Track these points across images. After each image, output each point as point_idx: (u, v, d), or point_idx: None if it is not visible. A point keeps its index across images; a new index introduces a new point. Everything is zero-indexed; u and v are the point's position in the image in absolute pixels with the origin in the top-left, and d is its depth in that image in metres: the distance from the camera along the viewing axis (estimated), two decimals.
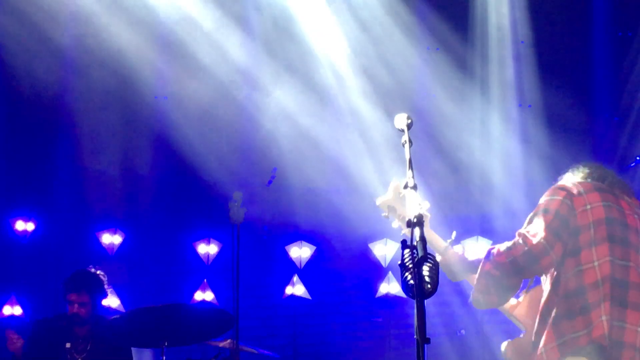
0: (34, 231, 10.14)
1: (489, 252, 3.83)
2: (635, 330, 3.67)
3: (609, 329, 3.63)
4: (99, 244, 10.28)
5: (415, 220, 2.93)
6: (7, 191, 10.09)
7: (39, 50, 9.22)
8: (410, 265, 2.83)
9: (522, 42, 9.93)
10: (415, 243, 2.88)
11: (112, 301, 9.72)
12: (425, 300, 2.79)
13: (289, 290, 10.29)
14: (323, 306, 10.32)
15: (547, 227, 3.70)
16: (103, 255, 10.10)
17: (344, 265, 10.24)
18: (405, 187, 3.16)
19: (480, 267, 3.81)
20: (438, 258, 3.90)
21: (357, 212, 9.71)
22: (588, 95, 10.22)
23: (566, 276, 3.73)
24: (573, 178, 4.02)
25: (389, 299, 10.02)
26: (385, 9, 9.70)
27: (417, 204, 3.05)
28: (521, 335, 4.08)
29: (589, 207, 3.78)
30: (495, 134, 10.02)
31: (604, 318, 3.63)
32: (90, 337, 6.34)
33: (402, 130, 3.48)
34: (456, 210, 9.41)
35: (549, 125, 9.81)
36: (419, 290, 2.79)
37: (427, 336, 2.75)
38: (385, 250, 10.28)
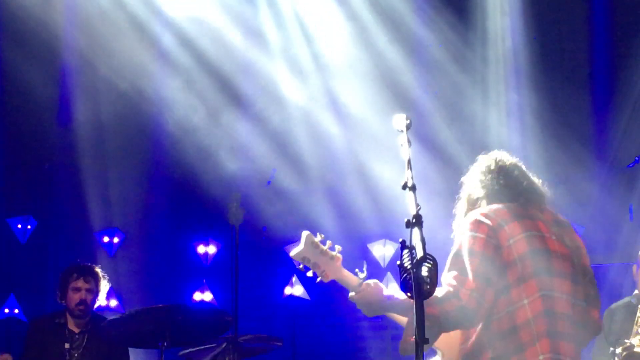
0: (32, 231, 10.13)
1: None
2: None
3: None
4: (98, 244, 10.27)
5: (414, 220, 2.93)
6: (6, 191, 10.09)
7: (37, 50, 9.22)
8: (409, 266, 2.83)
9: (534, 37, 9.91)
10: (414, 244, 2.88)
11: (110, 302, 9.72)
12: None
13: (287, 290, 10.29)
14: (322, 307, 10.31)
15: (476, 275, 3.55)
16: (102, 255, 10.10)
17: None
18: (404, 187, 3.16)
19: (410, 316, 3.62)
20: (351, 295, 3.84)
21: (356, 212, 9.72)
22: (588, 94, 10.21)
23: (499, 316, 3.62)
24: (481, 194, 3.92)
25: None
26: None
27: (415, 204, 3.04)
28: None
29: (512, 241, 3.65)
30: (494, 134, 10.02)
31: (541, 357, 3.56)
32: (87, 334, 6.33)
33: (401, 131, 3.47)
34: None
35: (548, 125, 9.80)
36: (417, 291, 2.79)
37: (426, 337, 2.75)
38: (384, 251, 10.27)
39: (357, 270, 3.93)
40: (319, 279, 3.90)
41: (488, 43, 10.06)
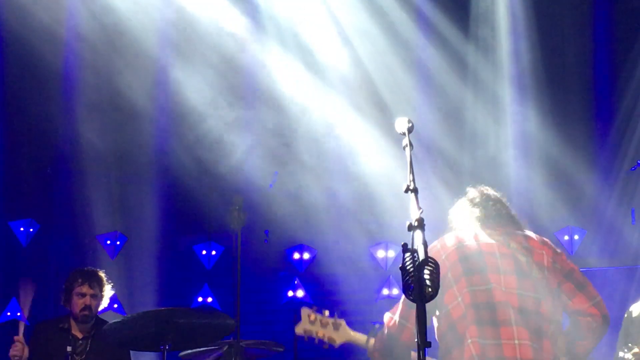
0: (35, 234, 10.14)
1: (374, 331, 4.23)
2: (513, 344, 3.86)
3: (480, 350, 3.82)
4: (100, 247, 10.28)
5: (416, 224, 2.93)
6: (9, 195, 10.09)
7: (39, 52, 9.22)
8: (411, 269, 2.83)
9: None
10: (415, 247, 2.88)
11: (112, 305, 9.72)
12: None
13: (289, 294, 10.28)
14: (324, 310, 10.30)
15: (404, 301, 3.94)
16: (104, 258, 10.10)
17: (345, 269, 10.24)
18: (407, 190, 3.15)
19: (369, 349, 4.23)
20: (365, 347, 4.28)
21: (358, 215, 9.72)
22: (590, 97, 10.22)
23: (439, 321, 4.01)
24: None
25: (390, 303, 10.02)
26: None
27: (417, 207, 3.04)
28: None
29: (444, 256, 4.01)
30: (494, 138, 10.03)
31: (470, 341, 3.84)
32: (91, 339, 6.34)
33: (403, 134, 3.47)
34: None
35: (551, 125, 9.80)
36: (419, 294, 2.79)
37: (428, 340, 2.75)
38: (386, 254, 10.27)
39: (376, 326, 4.27)
40: (326, 345, 4.30)
41: (489, 54, 10.08)
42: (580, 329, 4.14)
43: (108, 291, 6.51)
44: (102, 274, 6.51)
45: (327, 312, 4.24)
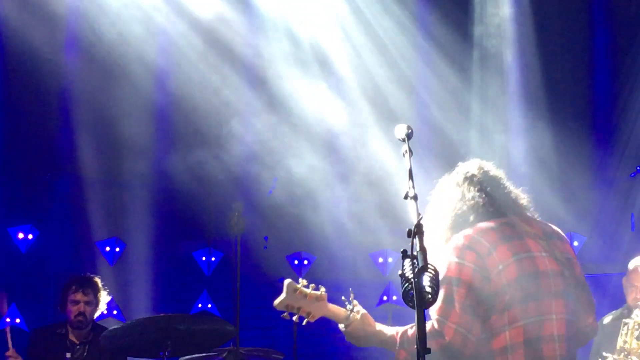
0: (33, 240, 10.12)
1: (403, 337, 3.65)
2: None
3: None
4: (99, 253, 10.26)
5: (415, 230, 2.93)
6: (8, 201, 10.08)
7: (39, 57, 9.23)
8: (411, 275, 2.82)
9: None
10: (415, 253, 2.88)
11: (111, 311, 9.71)
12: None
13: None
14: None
15: (462, 309, 3.46)
16: (103, 265, 10.09)
17: (345, 275, 10.23)
18: (406, 197, 3.15)
19: (395, 354, 3.67)
20: (341, 327, 3.85)
21: (358, 221, 9.71)
22: (590, 104, 10.24)
23: (478, 340, 3.53)
24: (465, 209, 3.75)
25: (389, 309, 10.00)
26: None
27: (417, 214, 3.04)
28: None
29: (501, 267, 3.52)
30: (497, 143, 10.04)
31: None
32: (88, 345, 6.33)
33: (403, 140, 3.47)
34: None
35: (551, 131, 9.81)
36: (419, 300, 2.78)
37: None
38: (385, 260, 10.26)
39: (343, 298, 3.91)
40: (305, 322, 3.85)
41: (493, 65, 10.12)
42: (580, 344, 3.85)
43: (104, 297, 6.52)
44: (97, 280, 6.52)
45: (312, 286, 3.84)
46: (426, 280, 2.80)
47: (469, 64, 10.12)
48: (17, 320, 9.81)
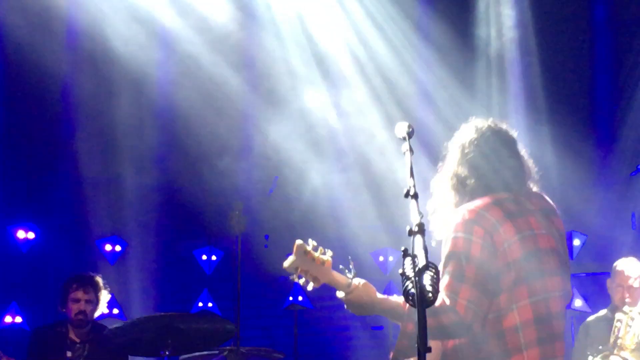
0: (34, 240, 10.13)
1: (411, 309, 3.34)
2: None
3: None
4: (100, 252, 10.27)
5: (416, 229, 2.92)
6: (8, 200, 10.09)
7: (41, 59, 9.23)
8: (412, 274, 2.82)
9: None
10: (416, 252, 2.87)
11: (112, 310, 9.72)
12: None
13: (290, 299, 10.27)
14: (324, 316, 10.30)
15: (473, 284, 3.44)
16: (104, 264, 10.09)
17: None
18: (407, 195, 3.14)
19: (402, 325, 3.61)
20: (341, 295, 3.84)
21: (359, 220, 9.71)
22: (590, 103, 10.24)
23: (487, 319, 3.52)
24: (470, 174, 3.71)
25: None
26: None
27: (417, 213, 3.03)
28: None
29: (506, 245, 3.50)
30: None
31: None
32: (88, 343, 6.34)
33: (404, 139, 3.46)
34: None
35: (552, 133, 9.81)
36: (420, 299, 2.78)
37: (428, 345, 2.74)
38: (386, 259, 10.27)
39: (342, 267, 3.91)
40: (310, 286, 3.86)
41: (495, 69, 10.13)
42: None
43: (105, 296, 6.52)
44: (98, 279, 6.52)
45: (321, 249, 3.85)
46: (427, 279, 2.80)
47: (473, 67, 10.13)
48: (18, 319, 9.82)
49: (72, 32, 9.52)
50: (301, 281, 3.85)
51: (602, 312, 6.83)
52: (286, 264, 3.80)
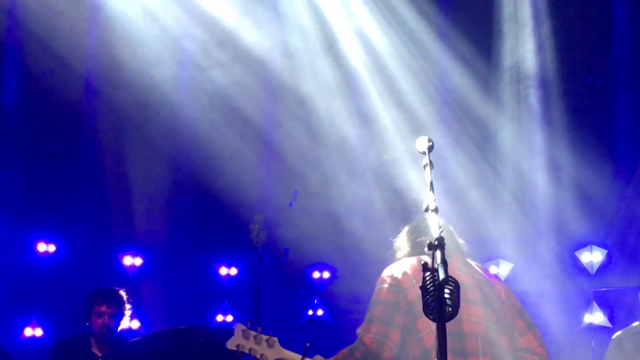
0: (55, 253, 10.17)
1: (336, 358, 4.21)
2: None
3: None
4: (120, 266, 10.30)
5: (436, 243, 2.92)
6: (29, 213, 10.14)
7: (61, 73, 9.31)
8: (432, 288, 2.82)
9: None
10: (436, 266, 2.87)
11: (132, 323, 9.74)
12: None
13: (309, 313, 10.26)
14: (343, 329, 10.26)
15: (379, 320, 4.08)
16: (124, 277, 10.12)
17: (364, 288, 10.19)
18: (427, 210, 3.14)
19: None
20: None
21: (377, 234, 9.69)
22: (610, 116, 10.20)
23: (411, 347, 4.04)
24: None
25: None
26: None
27: (438, 226, 3.03)
28: None
29: (414, 281, 4.08)
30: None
31: None
32: (110, 356, 6.35)
33: (424, 153, 3.46)
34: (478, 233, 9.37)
35: (575, 154, 9.77)
36: (439, 313, 2.78)
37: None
38: None
39: (308, 344, 4.40)
40: None
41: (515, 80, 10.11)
42: None
43: (128, 310, 6.54)
44: (122, 293, 6.55)
45: (260, 329, 4.34)
46: (447, 293, 2.80)
47: (499, 89, 10.13)
48: (39, 332, 9.86)
49: (94, 44, 9.58)
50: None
51: (635, 324, 6.60)
52: (229, 344, 4.28)
